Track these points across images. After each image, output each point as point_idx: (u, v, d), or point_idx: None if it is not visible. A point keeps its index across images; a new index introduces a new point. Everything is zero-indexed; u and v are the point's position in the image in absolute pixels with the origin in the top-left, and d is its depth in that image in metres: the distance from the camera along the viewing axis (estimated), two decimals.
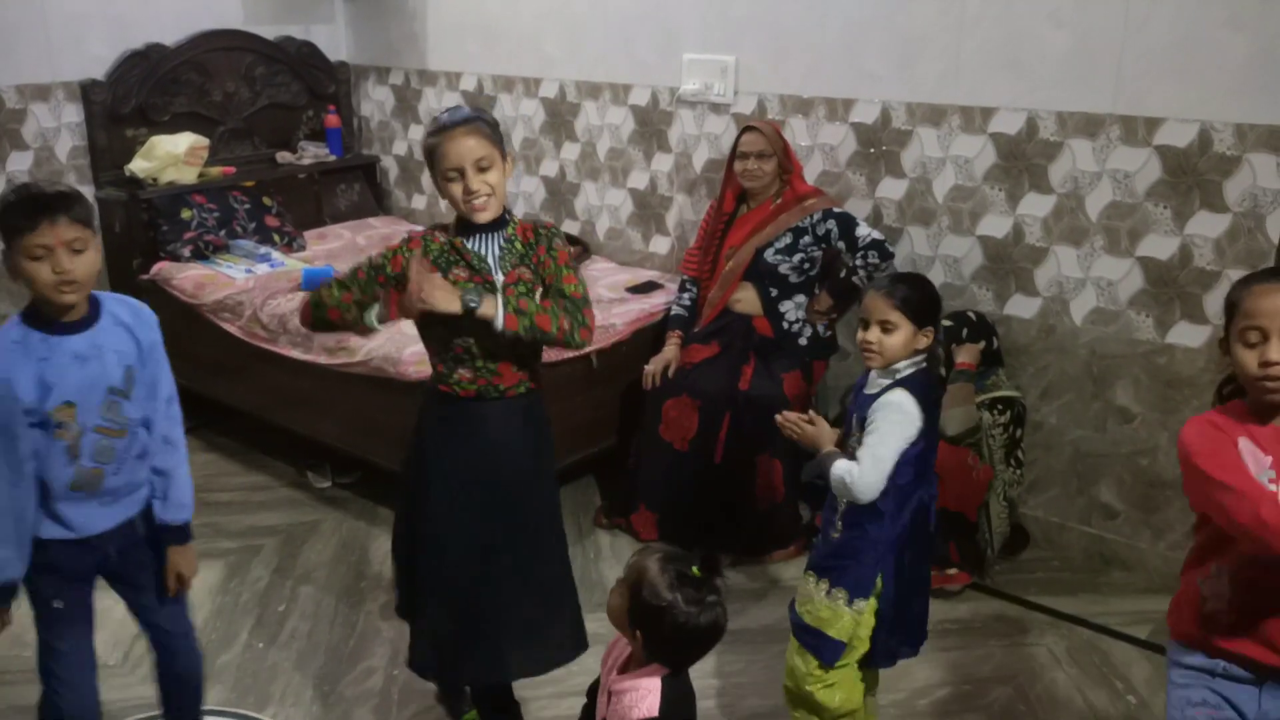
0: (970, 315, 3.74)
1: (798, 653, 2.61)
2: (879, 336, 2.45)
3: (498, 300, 2.41)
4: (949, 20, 3.72)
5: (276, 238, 4.96)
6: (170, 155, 4.77)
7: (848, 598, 2.51)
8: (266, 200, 5.09)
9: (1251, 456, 1.99)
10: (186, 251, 4.67)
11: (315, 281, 4.36)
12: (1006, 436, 3.59)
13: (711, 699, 3.12)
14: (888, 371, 2.48)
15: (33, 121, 4.62)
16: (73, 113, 4.73)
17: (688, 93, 4.45)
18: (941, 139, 3.84)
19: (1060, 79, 3.54)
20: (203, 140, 4.92)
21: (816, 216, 3.83)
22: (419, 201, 5.68)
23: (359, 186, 5.69)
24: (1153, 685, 3.15)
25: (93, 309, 2.28)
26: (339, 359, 3.89)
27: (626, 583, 2.01)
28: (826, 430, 2.57)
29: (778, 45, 4.16)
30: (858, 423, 2.51)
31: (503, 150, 2.46)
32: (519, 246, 2.50)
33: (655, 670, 2.01)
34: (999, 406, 3.60)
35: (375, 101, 5.73)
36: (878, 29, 3.89)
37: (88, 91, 4.72)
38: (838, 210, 3.85)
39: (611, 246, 4.93)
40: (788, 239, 3.84)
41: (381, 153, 5.80)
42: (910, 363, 2.48)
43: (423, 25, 5.35)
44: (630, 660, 2.08)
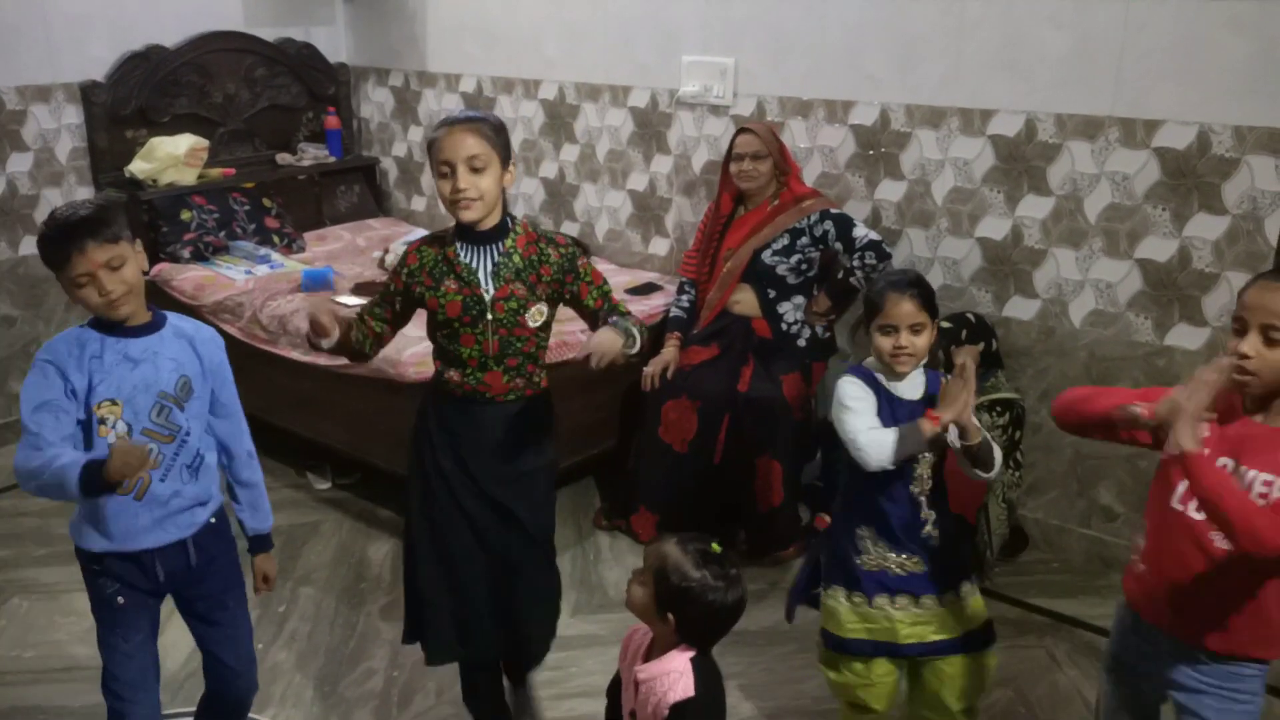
0: (969, 317, 3.74)
1: (988, 658, 2.57)
2: (911, 339, 2.42)
3: (637, 334, 2.44)
4: (949, 23, 3.73)
5: (276, 239, 4.96)
6: (170, 157, 4.77)
7: (974, 581, 2.57)
8: (266, 202, 5.09)
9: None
10: (186, 253, 4.67)
11: (315, 283, 4.38)
12: (1006, 438, 3.59)
13: None
14: (915, 370, 2.48)
15: (33, 123, 4.62)
16: (73, 114, 4.74)
17: (687, 95, 4.45)
18: (940, 141, 3.85)
19: (1059, 81, 3.55)
20: (203, 142, 4.93)
21: (814, 217, 3.83)
22: (418, 203, 5.69)
23: (359, 188, 5.69)
24: None
25: (157, 318, 2.33)
26: (338, 361, 3.88)
27: (648, 571, 2.05)
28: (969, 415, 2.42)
29: (777, 47, 4.17)
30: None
31: (504, 157, 2.42)
32: (517, 260, 2.46)
33: (683, 651, 2.05)
34: (998, 408, 3.60)
35: (375, 103, 5.74)
36: (877, 31, 3.90)
37: (88, 93, 4.72)
38: (835, 211, 3.86)
39: (611, 248, 4.93)
40: (785, 240, 3.85)
41: (381, 154, 5.80)
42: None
43: (422, 27, 5.36)
44: (653, 648, 2.11)
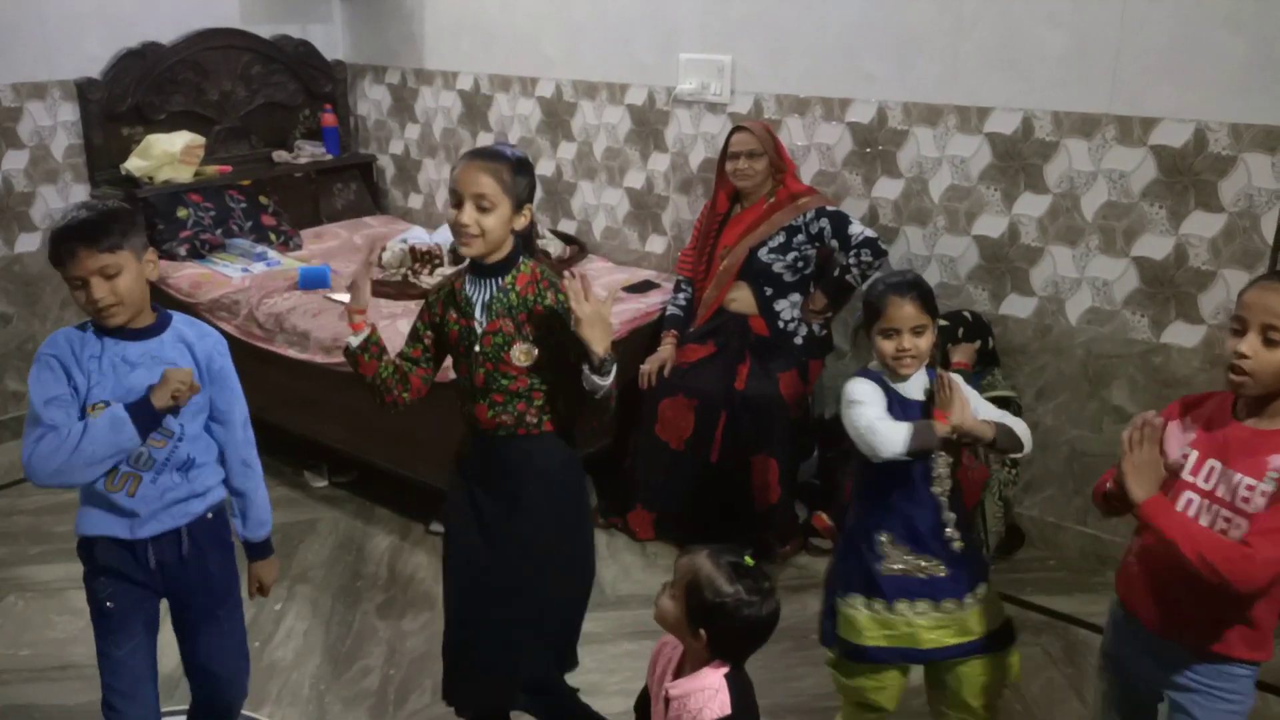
0: (966, 315, 3.74)
1: (1010, 657, 2.56)
2: (914, 342, 2.41)
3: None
4: (946, 21, 3.73)
5: (273, 237, 4.96)
6: (166, 154, 4.76)
7: (990, 580, 2.55)
8: (263, 199, 5.09)
9: (1179, 433, 2.12)
10: (183, 250, 4.67)
11: (312, 280, 4.37)
12: None
13: None
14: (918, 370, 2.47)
15: (29, 120, 4.62)
16: (69, 111, 4.73)
17: (684, 92, 4.45)
18: (938, 139, 3.84)
19: (1056, 79, 3.55)
20: (199, 139, 4.92)
21: (810, 215, 3.83)
22: (415, 201, 5.68)
23: (355, 186, 5.69)
24: None
25: (160, 321, 2.32)
26: (335, 358, 3.89)
27: (679, 585, 2.00)
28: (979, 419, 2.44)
29: (774, 45, 4.17)
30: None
31: (517, 199, 2.39)
32: (513, 297, 2.44)
33: (716, 667, 2.01)
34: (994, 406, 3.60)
35: (372, 101, 5.73)
36: (875, 29, 3.90)
37: (84, 90, 4.71)
38: (831, 209, 3.86)
39: (608, 246, 4.93)
40: (781, 238, 3.85)
41: (378, 152, 5.79)
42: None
43: (420, 25, 5.35)
44: (684, 663, 2.07)
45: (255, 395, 2.56)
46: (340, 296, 4.22)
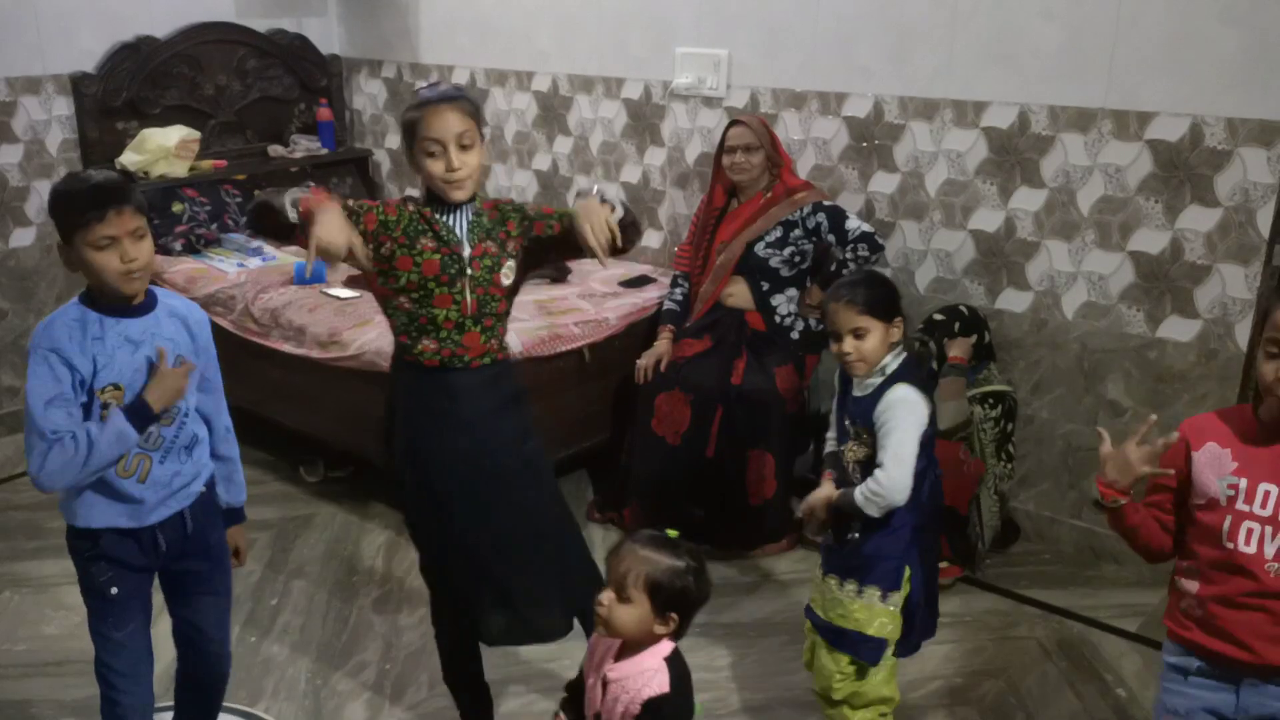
0: (962, 309, 3.74)
1: (828, 654, 2.60)
2: (855, 345, 2.44)
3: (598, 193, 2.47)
4: (942, 14, 3.73)
5: None
6: (161, 149, 4.76)
7: (881, 594, 2.51)
8: (258, 194, 5.07)
9: (1214, 463, 2.03)
10: (178, 245, 4.66)
11: (307, 276, 4.37)
12: (998, 430, 3.60)
13: (705, 693, 3.12)
14: (875, 371, 2.48)
15: (23, 114, 4.60)
16: (63, 106, 4.72)
17: (680, 86, 4.44)
18: (934, 133, 3.84)
19: (1052, 73, 3.54)
20: (194, 134, 4.91)
21: (807, 210, 3.83)
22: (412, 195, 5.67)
23: (351, 180, 5.68)
24: (1143, 679, 3.16)
25: (149, 297, 2.31)
26: (331, 353, 3.88)
27: (635, 587, 1.98)
28: (820, 492, 2.59)
29: (770, 39, 4.16)
30: (857, 427, 2.50)
31: (482, 132, 2.46)
32: (485, 222, 2.50)
33: (662, 646, 2.04)
34: (990, 400, 3.61)
35: (367, 95, 5.72)
36: (870, 23, 3.89)
37: (78, 84, 4.70)
38: (828, 203, 3.86)
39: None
40: (778, 232, 3.84)
41: (374, 146, 5.79)
42: (893, 356, 2.49)
43: (415, 18, 5.34)
44: (624, 650, 2.08)
45: (250, 390, 2.57)
46: (336, 291, 4.21)
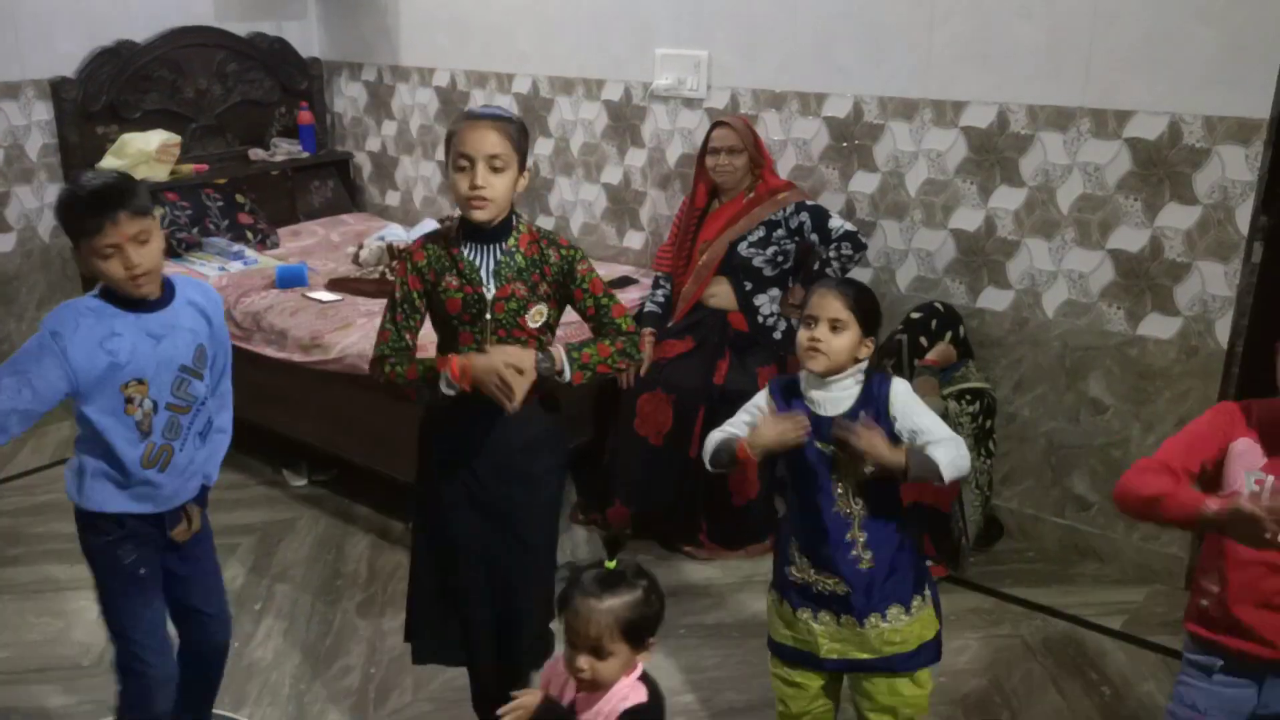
0: (938, 306, 3.75)
1: (911, 683, 2.43)
2: (827, 335, 2.30)
3: (564, 359, 2.39)
4: (920, 14, 3.74)
5: (250, 235, 4.93)
6: (142, 153, 4.73)
7: (922, 598, 2.41)
8: (239, 198, 5.06)
9: (1244, 456, 2.03)
10: None
11: (289, 279, 4.35)
12: (976, 427, 3.60)
13: (689, 693, 3.13)
14: (841, 383, 2.34)
15: (2, 119, 4.57)
16: (43, 110, 4.69)
17: (661, 88, 4.45)
18: (913, 133, 3.85)
19: (1031, 72, 3.56)
20: (174, 137, 4.89)
21: (789, 209, 3.84)
22: (392, 198, 5.66)
23: (332, 183, 5.67)
24: (1127, 676, 3.18)
25: (167, 289, 2.33)
26: (314, 356, 3.87)
27: (614, 640, 1.94)
28: (880, 437, 2.25)
29: (750, 40, 4.17)
30: (839, 441, 2.30)
31: (522, 160, 2.38)
32: (519, 259, 2.42)
33: (631, 672, 2.01)
34: (967, 396, 3.60)
35: (348, 98, 5.71)
36: (849, 23, 3.90)
37: (58, 89, 4.68)
38: (810, 203, 3.86)
39: (586, 242, 4.92)
40: (761, 232, 3.85)
41: (355, 149, 5.77)
42: (855, 370, 2.35)
43: (395, 21, 5.33)
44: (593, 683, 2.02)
45: (234, 394, 2.57)
46: (318, 295, 4.20)
